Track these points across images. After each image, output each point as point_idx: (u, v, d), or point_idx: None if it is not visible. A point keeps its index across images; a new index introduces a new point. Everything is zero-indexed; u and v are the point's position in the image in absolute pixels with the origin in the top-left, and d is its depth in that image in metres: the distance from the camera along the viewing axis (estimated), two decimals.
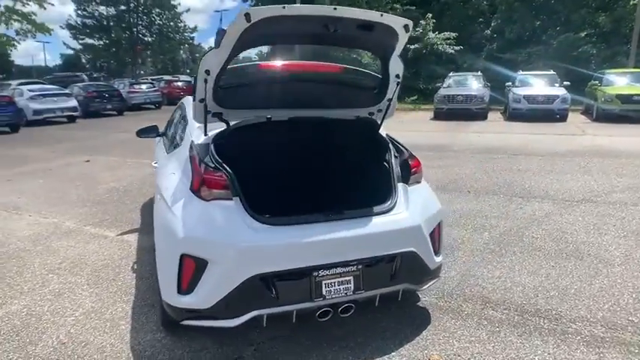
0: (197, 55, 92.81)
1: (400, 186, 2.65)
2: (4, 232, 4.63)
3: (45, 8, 23.31)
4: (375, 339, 2.61)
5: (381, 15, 2.33)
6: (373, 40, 2.58)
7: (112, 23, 44.52)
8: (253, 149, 2.97)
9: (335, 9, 2.24)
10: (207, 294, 2.20)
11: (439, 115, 14.96)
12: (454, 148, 9.30)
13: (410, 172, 2.70)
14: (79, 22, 43.23)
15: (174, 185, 2.61)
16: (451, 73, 17.21)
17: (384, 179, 2.70)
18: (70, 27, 42.97)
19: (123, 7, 43.27)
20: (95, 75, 38.09)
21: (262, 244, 2.23)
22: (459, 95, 14.67)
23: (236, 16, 2.12)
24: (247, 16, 2.09)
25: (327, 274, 2.32)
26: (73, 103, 16.77)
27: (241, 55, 2.61)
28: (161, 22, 48.51)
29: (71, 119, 16.70)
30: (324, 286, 2.32)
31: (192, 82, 2.58)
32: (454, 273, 3.41)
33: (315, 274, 2.29)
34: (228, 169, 2.35)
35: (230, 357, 2.46)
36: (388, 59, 2.67)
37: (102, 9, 43.46)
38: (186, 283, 2.23)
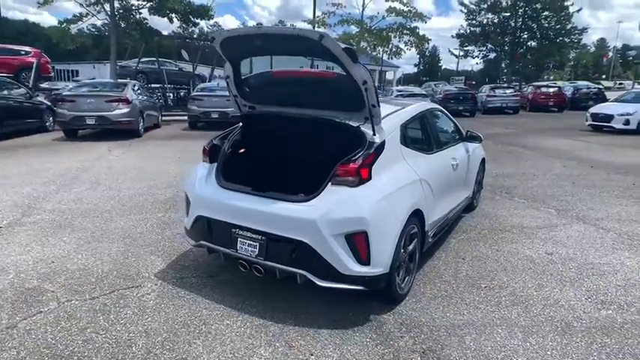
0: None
1: (329, 185, 2.82)
2: None
3: (426, 22, 27.68)
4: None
5: (296, 29, 2.76)
6: (309, 48, 2.90)
7: (498, 30, 46.16)
8: (260, 136, 3.74)
9: (260, 27, 2.93)
10: (188, 219, 3.36)
11: None
12: None
13: (334, 174, 2.81)
14: (467, 32, 47.56)
15: None
16: None
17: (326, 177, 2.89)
18: (458, 36, 48.08)
19: (507, 14, 43.93)
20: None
21: (205, 195, 3.20)
22: None
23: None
24: (212, 38, 3.07)
25: (241, 234, 2.97)
26: None
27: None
28: (547, 25, 46.02)
29: None
30: (238, 242, 2.99)
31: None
32: None
33: (234, 230, 3.00)
34: (216, 144, 3.41)
35: (204, 273, 3.57)
36: (344, 67, 2.79)
37: (489, 16, 45.76)
38: (187, 211, 3.44)
